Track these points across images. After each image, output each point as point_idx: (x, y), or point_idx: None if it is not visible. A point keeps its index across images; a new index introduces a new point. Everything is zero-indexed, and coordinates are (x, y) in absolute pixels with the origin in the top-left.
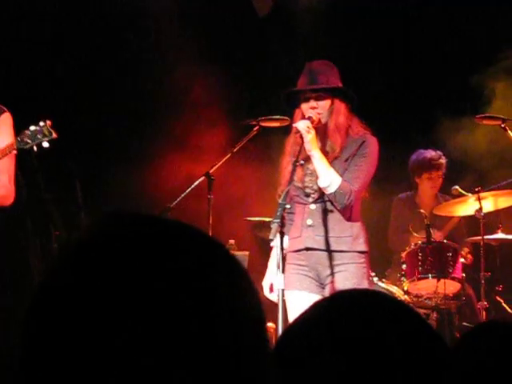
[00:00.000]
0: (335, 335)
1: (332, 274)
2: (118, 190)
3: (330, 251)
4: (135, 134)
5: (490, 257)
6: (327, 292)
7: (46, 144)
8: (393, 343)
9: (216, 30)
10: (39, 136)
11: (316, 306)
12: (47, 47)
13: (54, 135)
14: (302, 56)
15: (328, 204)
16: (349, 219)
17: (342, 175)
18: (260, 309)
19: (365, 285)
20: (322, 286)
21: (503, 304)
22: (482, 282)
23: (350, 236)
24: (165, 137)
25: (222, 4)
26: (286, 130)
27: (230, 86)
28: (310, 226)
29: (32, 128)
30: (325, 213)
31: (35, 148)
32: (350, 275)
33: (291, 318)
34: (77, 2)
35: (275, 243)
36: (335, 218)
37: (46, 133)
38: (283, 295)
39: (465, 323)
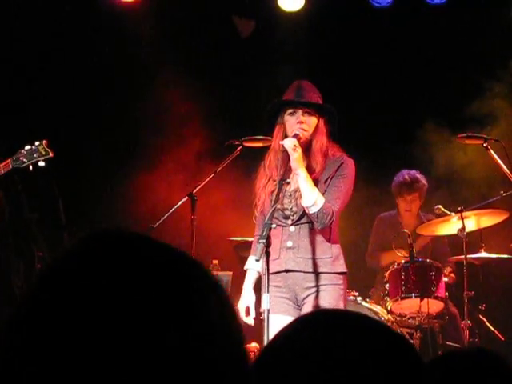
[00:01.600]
0: (315, 352)
1: (309, 295)
2: (101, 210)
3: (310, 273)
4: (117, 155)
5: (473, 276)
6: (303, 312)
7: (41, 163)
8: (372, 363)
9: (199, 50)
10: (35, 155)
11: (296, 322)
12: (34, 70)
13: (51, 154)
14: (283, 77)
15: (308, 225)
16: (329, 240)
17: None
18: (239, 330)
19: (341, 306)
20: (299, 307)
21: (486, 323)
22: (465, 301)
23: (330, 257)
24: (147, 157)
25: (205, 24)
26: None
27: (212, 107)
28: (290, 247)
29: (27, 147)
30: (305, 235)
31: (31, 167)
32: (327, 296)
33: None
34: (62, 27)
35: (251, 266)
36: (315, 239)
37: (43, 152)
38: (268, 314)
39: (448, 342)
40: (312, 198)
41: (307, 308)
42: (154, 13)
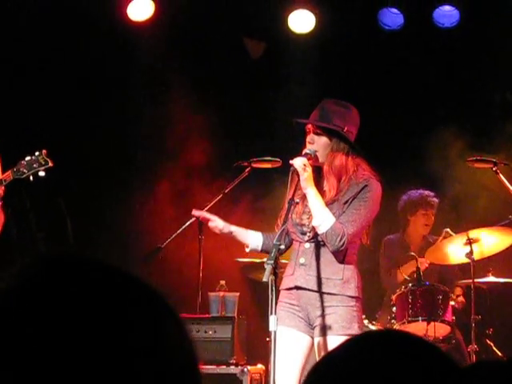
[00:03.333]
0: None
1: (321, 315)
2: (109, 228)
3: (319, 292)
4: (126, 173)
5: (481, 300)
6: (317, 333)
7: (42, 173)
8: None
9: (208, 71)
10: (35, 165)
11: (344, 346)
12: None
13: (50, 164)
14: (294, 98)
15: (322, 244)
16: (341, 262)
17: (338, 218)
18: (191, 350)
19: (355, 328)
20: (311, 326)
21: (493, 347)
22: (473, 325)
23: (340, 279)
24: (156, 176)
25: (214, 45)
26: (278, 171)
27: (221, 127)
28: (302, 264)
29: (27, 158)
30: (318, 253)
31: (31, 178)
32: (340, 318)
33: (278, 353)
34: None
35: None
36: (327, 259)
37: (42, 162)
38: (275, 336)
39: None
40: (320, 218)
41: (319, 328)
42: (164, 32)
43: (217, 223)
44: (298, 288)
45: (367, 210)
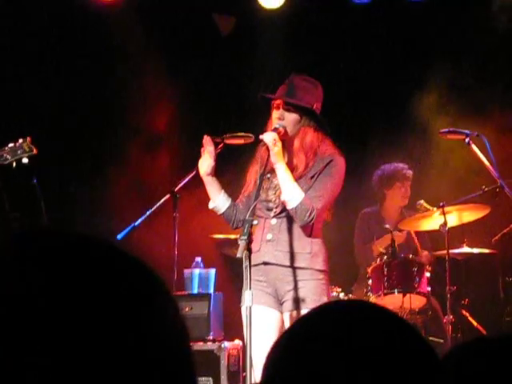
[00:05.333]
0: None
1: (290, 290)
2: (83, 208)
3: (288, 267)
4: (99, 153)
5: (456, 271)
6: (286, 308)
7: (25, 160)
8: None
9: (178, 47)
10: (19, 152)
11: (303, 320)
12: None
13: (35, 151)
14: (264, 73)
15: (289, 220)
16: (309, 236)
17: (306, 193)
18: (184, 327)
19: (324, 301)
20: (280, 301)
21: (469, 318)
22: (448, 296)
23: (309, 253)
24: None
25: (184, 21)
26: (251, 147)
27: (191, 103)
28: (269, 240)
29: (11, 145)
30: (285, 228)
31: (14, 164)
32: (310, 291)
33: (247, 331)
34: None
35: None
36: (295, 234)
37: (27, 149)
38: (250, 312)
39: (431, 338)
40: (290, 193)
41: (289, 303)
42: (134, 9)
43: (213, 155)
44: (265, 264)
45: (334, 185)
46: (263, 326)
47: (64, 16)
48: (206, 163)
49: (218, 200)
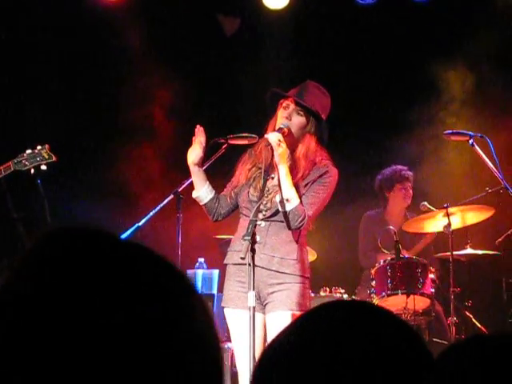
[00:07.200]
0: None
1: (273, 292)
2: (84, 208)
3: (273, 271)
4: (103, 156)
5: (460, 272)
6: (269, 309)
7: (43, 167)
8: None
9: (183, 47)
10: (38, 159)
11: (297, 321)
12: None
13: (54, 158)
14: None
15: (278, 224)
16: (296, 242)
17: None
18: (214, 334)
19: (306, 304)
20: (263, 303)
21: (473, 319)
22: (452, 297)
23: (295, 259)
24: (132, 155)
25: (190, 23)
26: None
27: (196, 104)
28: (256, 242)
29: (29, 151)
30: (274, 232)
31: (32, 170)
32: (293, 294)
33: (232, 335)
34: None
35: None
36: (282, 238)
37: (46, 156)
38: (254, 312)
39: (435, 339)
40: (288, 195)
41: (272, 305)
42: (138, 9)
43: (202, 146)
44: (249, 264)
45: (326, 195)
46: (245, 328)
47: (70, 16)
48: (194, 153)
49: (202, 191)
